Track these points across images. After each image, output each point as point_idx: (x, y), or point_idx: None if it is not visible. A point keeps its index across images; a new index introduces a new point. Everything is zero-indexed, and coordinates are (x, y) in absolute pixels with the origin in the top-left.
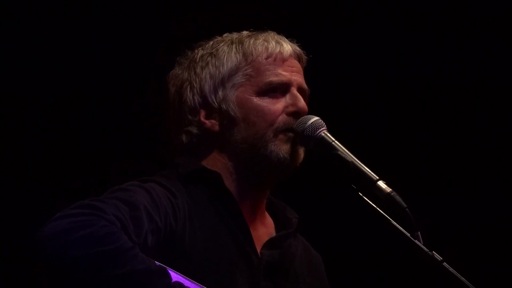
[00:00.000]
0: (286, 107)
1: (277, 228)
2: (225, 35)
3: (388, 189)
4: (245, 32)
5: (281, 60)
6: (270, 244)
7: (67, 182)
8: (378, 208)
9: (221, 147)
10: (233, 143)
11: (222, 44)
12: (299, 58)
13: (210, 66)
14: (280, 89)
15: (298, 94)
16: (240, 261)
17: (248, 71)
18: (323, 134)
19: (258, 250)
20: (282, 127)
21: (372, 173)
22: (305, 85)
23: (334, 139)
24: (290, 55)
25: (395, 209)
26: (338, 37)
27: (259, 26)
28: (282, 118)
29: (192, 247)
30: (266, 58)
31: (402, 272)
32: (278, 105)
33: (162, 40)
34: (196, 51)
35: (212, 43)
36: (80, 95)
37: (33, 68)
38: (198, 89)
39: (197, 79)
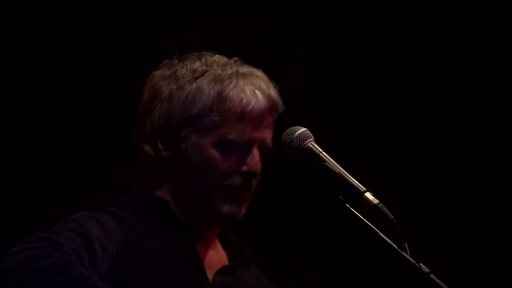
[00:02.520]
0: (240, 165)
1: (230, 258)
2: (214, 58)
3: (376, 201)
4: (229, 70)
5: (251, 115)
6: (223, 271)
7: (67, 185)
8: (365, 220)
9: (173, 180)
10: (184, 183)
11: (206, 75)
12: (272, 111)
13: (185, 95)
14: (239, 145)
15: (256, 153)
16: None
17: (215, 118)
18: (310, 145)
19: (210, 278)
20: (230, 186)
21: (359, 184)
22: (268, 141)
23: (321, 150)
24: (264, 110)
25: (382, 220)
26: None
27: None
28: (234, 178)
29: (144, 275)
30: (238, 111)
31: (389, 284)
32: (232, 163)
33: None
34: (181, 64)
35: (198, 65)
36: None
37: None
38: (166, 112)
39: (169, 103)
